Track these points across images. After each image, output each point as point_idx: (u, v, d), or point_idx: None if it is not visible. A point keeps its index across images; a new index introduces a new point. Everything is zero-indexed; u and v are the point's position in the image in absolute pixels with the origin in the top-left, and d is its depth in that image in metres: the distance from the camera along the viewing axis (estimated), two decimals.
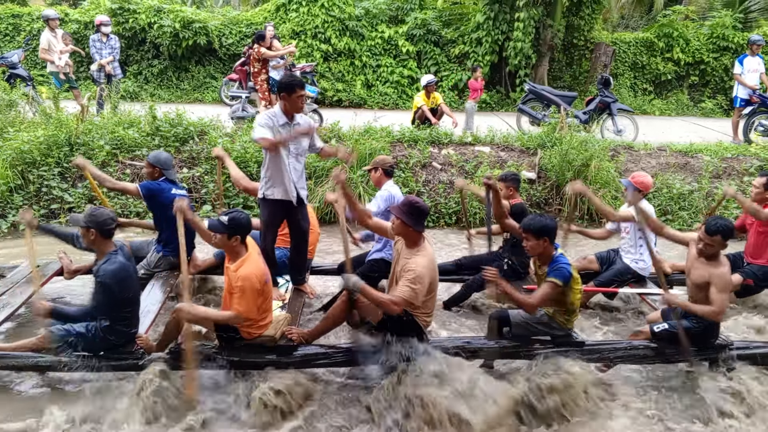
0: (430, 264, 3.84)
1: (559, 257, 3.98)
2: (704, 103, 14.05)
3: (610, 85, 10.35)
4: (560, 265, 3.94)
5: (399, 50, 13.90)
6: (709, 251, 4.03)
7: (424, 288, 3.78)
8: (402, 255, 3.96)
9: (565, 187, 7.98)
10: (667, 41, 14.30)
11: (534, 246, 4.01)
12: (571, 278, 3.95)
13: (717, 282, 3.94)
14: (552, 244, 4.01)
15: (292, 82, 4.40)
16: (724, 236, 3.98)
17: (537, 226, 3.97)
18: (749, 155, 8.87)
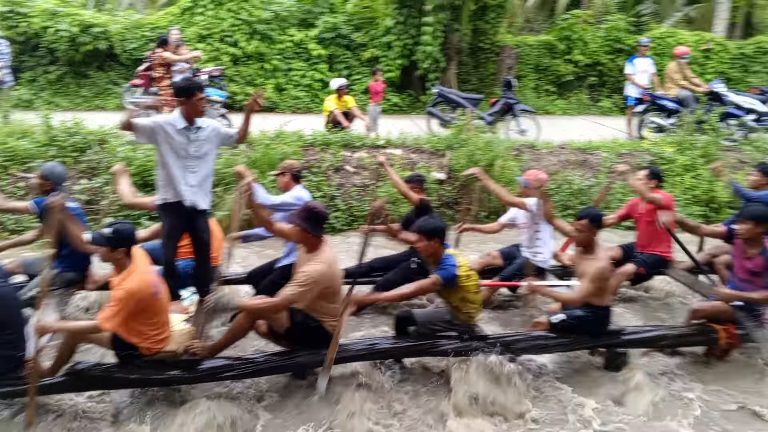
0: (326, 269, 3.84)
1: (447, 258, 4.12)
2: (602, 102, 14.86)
3: (513, 87, 10.77)
4: (446, 267, 4.09)
5: (310, 54, 13.86)
6: (581, 238, 4.32)
7: (313, 291, 3.79)
8: (302, 262, 3.96)
9: (465, 171, 8.22)
10: (568, 44, 15.02)
11: (426, 247, 4.15)
12: (455, 278, 4.08)
13: (589, 274, 4.23)
14: (442, 245, 4.16)
15: (190, 86, 4.30)
16: (591, 221, 4.29)
17: (428, 228, 4.12)
18: (642, 151, 9.45)
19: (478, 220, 8.21)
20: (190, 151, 4.33)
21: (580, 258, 4.44)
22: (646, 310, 5.75)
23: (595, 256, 4.32)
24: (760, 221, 4.49)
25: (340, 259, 6.36)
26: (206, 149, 4.46)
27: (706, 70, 14.74)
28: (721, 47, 15.13)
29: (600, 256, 4.31)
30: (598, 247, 4.40)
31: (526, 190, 5.66)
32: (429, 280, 4.09)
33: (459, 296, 4.16)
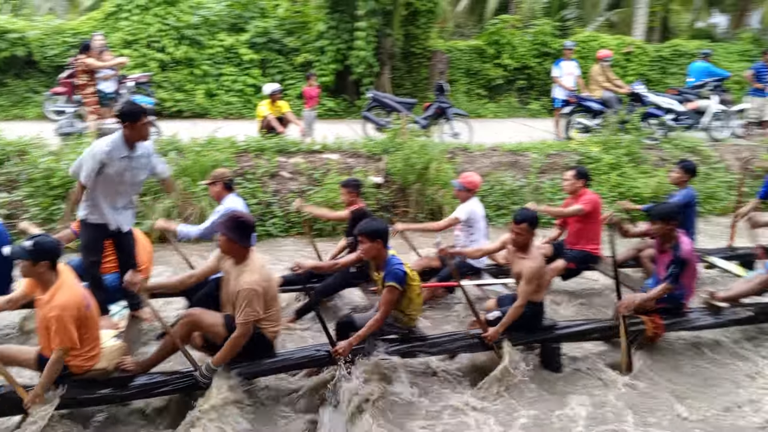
0: (261, 278, 3.79)
1: (391, 259, 4.16)
2: (531, 104, 15.32)
3: (445, 91, 10.95)
4: (393, 268, 4.11)
5: (241, 59, 13.65)
6: (520, 240, 4.43)
7: (261, 303, 3.74)
8: (231, 274, 3.87)
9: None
10: (497, 48, 15.40)
11: (368, 249, 4.15)
12: (405, 278, 4.12)
13: (526, 274, 4.34)
14: (385, 247, 4.17)
15: (137, 110, 4.19)
16: (530, 224, 4.41)
17: (369, 230, 4.13)
18: (569, 151, 9.78)
19: (417, 222, 8.32)
20: (125, 178, 4.24)
21: (515, 257, 4.55)
22: (576, 305, 5.95)
23: (530, 255, 4.44)
24: (668, 219, 4.74)
25: (279, 266, 6.37)
26: (142, 176, 4.38)
27: (627, 72, 15.44)
28: (640, 50, 15.90)
29: (535, 255, 4.44)
30: (533, 246, 4.52)
31: (460, 193, 5.76)
32: (387, 291, 4.07)
33: (406, 297, 4.19)
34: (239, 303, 3.68)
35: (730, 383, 4.56)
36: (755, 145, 11.07)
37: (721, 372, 4.73)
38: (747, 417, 4.14)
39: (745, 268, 6.38)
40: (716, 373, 4.71)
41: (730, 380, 4.60)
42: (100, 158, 4.07)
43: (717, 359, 4.92)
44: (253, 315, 3.69)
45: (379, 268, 4.23)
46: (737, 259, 6.59)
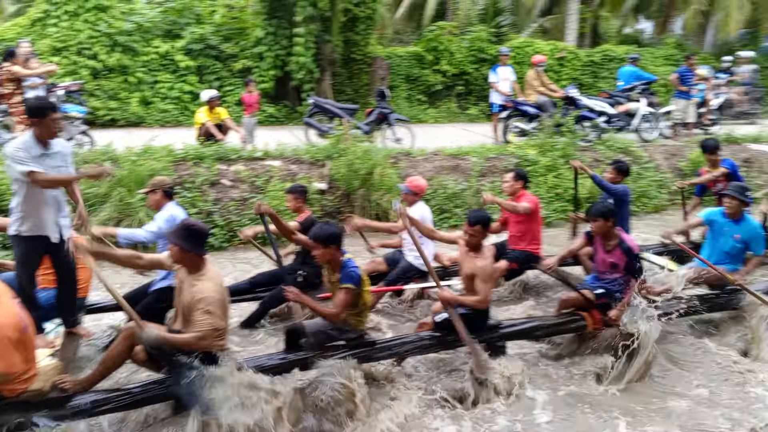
0: (217, 286, 3.72)
1: (347, 262, 4.15)
2: (470, 110, 15.59)
3: (387, 97, 11.03)
4: (349, 270, 4.11)
5: (177, 65, 13.34)
6: (473, 241, 4.49)
7: (220, 312, 3.67)
8: (186, 284, 3.76)
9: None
10: (435, 54, 15.62)
11: (323, 254, 4.13)
12: (361, 280, 4.13)
13: (481, 274, 4.40)
14: (340, 251, 4.16)
15: (42, 105, 4.02)
16: (483, 225, 4.48)
17: (324, 235, 4.11)
18: (508, 154, 10.01)
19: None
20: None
21: (466, 257, 4.59)
22: (519, 303, 6.10)
23: (481, 255, 4.50)
24: (607, 216, 4.92)
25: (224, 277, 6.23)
26: (65, 173, 4.19)
27: (561, 76, 15.94)
28: (573, 55, 16.45)
29: (487, 255, 4.51)
30: (484, 247, 4.60)
31: (407, 196, 5.79)
32: (343, 293, 4.05)
33: (361, 300, 4.18)
34: (198, 312, 3.58)
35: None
36: (682, 146, 11.63)
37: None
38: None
39: (677, 263, 6.68)
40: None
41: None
42: (19, 158, 3.89)
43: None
44: (213, 324, 3.59)
45: (334, 271, 4.21)
46: (670, 255, 6.90)
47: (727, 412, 4.28)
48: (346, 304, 4.10)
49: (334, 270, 4.22)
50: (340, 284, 4.10)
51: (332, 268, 4.24)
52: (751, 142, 12.12)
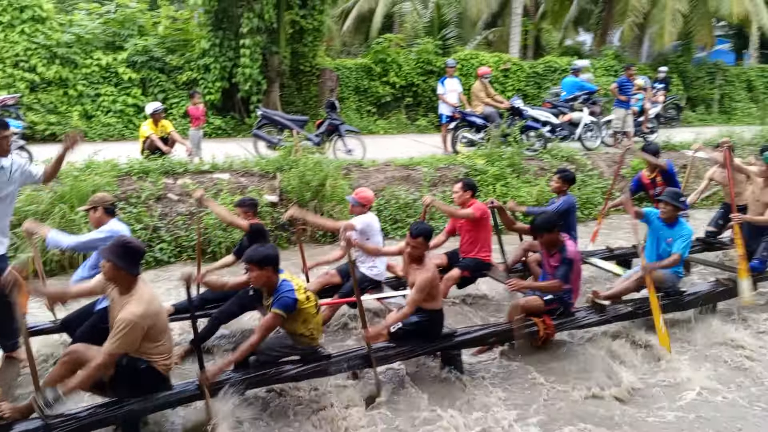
0: (146, 309, 3.55)
1: (282, 285, 4.03)
2: (419, 121, 15.74)
3: (337, 108, 11.02)
4: (282, 295, 3.98)
5: (120, 78, 12.99)
6: (416, 253, 4.52)
7: (137, 335, 3.51)
8: (116, 304, 3.62)
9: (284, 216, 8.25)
10: (383, 66, 15.73)
11: (258, 277, 4.00)
12: (295, 304, 4.02)
13: (418, 284, 4.43)
14: (276, 273, 4.05)
15: None
16: (425, 237, 4.52)
17: (259, 257, 3.98)
18: (457, 164, 10.14)
19: (314, 239, 8.27)
20: None
21: (410, 269, 4.64)
22: (473, 310, 6.15)
23: (423, 266, 4.54)
24: (550, 228, 5.05)
25: (170, 294, 6.07)
26: (9, 190, 4.02)
27: (506, 87, 16.30)
28: (517, 67, 16.84)
29: (428, 267, 4.54)
30: (427, 258, 4.62)
31: (354, 208, 5.77)
32: (270, 317, 3.96)
33: (300, 320, 4.10)
34: (113, 332, 3.45)
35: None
36: (622, 153, 12.01)
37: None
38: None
39: (623, 267, 6.90)
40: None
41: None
42: None
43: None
44: (123, 348, 3.46)
45: (269, 295, 4.11)
46: (615, 259, 7.12)
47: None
48: (269, 329, 4.01)
49: (269, 293, 4.11)
50: (271, 308, 4.01)
51: (267, 291, 4.13)
52: (687, 148, 12.64)
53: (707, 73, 19.66)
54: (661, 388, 4.66)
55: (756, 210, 6.35)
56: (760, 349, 5.36)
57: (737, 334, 5.57)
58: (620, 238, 8.53)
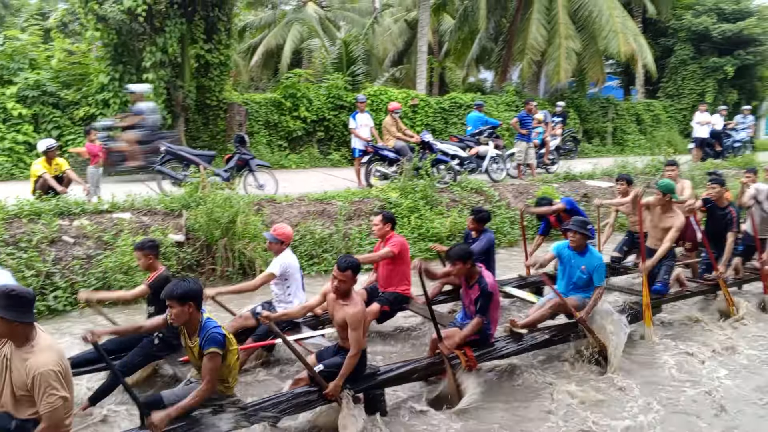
0: (56, 357, 3.20)
1: (206, 323, 3.79)
2: (332, 155, 15.71)
3: (246, 143, 10.75)
4: (211, 332, 3.75)
5: (9, 114, 12.08)
6: (342, 287, 4.36)
7: (65, 384, 3.16)
8: (15, 359, 3.20)
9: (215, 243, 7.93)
10: (293, 101, 15.61)
11: (179, 314, 3.73)
12: (225, 340, 3.80)
13: (351, 321, 4.28)
14: (198, 310, 3.81)
15: None
16: (353, 270, 4.37)
17: (180, 292, 3.72)
18: (372, 197, 10.13)
19: (227, 279, 7.91)
20: None
21: (336, 305, 4.46)
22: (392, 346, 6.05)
23: (351, 301, 4.38)
24: (465, 259, 5.06)
25: (66, 346, 5.54)
26: None
27: (415, 122, 16.63)
28: (425, 102, 17.26)
29: (356, 301, 4.39)
30: (354, 292, 4.48)
31: (273, 245, 5.56)
32: (209, 359, 3.67)
33: (226, 364, 3.83)
34: (38, 391, 3.06)
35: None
36: (527, 184, 12.52)
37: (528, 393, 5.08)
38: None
39: (537, 294, 7.05)
40: (525, 395, 5.04)
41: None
42: None
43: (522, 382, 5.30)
44: (61, 400, 3.09)
45: (192, 335, 3.83)
46: (528, 287, 7.27)
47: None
48: (216, 370, 3.75)
49: (192, 332, 3.84)
50: (202, 350, 3.74)
51: (190, 331, 3.86)
52: (587, 178, 13.36)
53: (600, 107, 21.02)
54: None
55: (655, 236, 6.70)
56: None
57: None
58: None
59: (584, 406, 4.86)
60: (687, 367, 5.70)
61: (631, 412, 4.78)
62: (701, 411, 4.90)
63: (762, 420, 4.86)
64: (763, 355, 6.07)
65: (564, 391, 5.06)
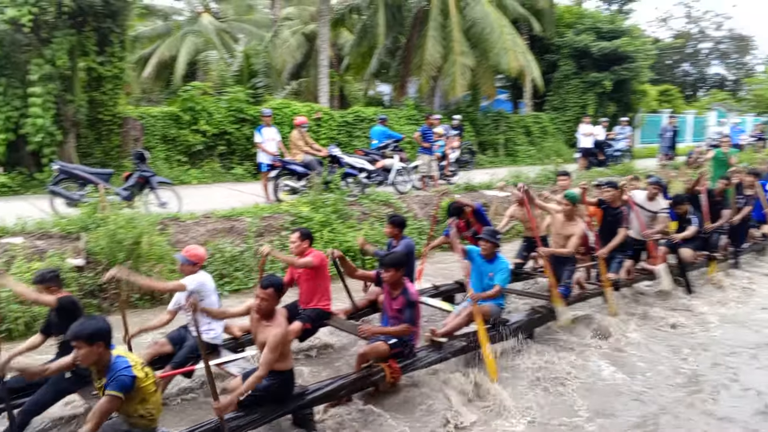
0: None
1: (116, 362, 3.57)
2: (235, 169, 15.34)
3: (146, 159, 10.31)
4: (119, 374, 3.53)
5: None
6: (265, 306, 4.32)
7: None
8: None
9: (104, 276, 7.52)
10: (192, 114, 15.12)
11: (87, 354, 3.51)
12: (134, 382, 3.60)
13: (271, 342, 4.24)
14: (108, 348, 3.60)
15: None
16: (276, 289, 4.34)
17: (88, 332, 3.50)
18: (282, 212, 10.02)
19: (132, 305, 7.54)
20: None
21: (259, 325, 4.41)
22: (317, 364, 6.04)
23: (274, 322, 4.35)
24: (399, 266, 5.22)
25: None
26: None
27: (320, 136, 16.62)
28: (329, 116, 17.31)
29: (279, 322, 4.36)
30: (278, 312, 4.44)
31: (185, 267, 5.38)
32: (106, 401, 3.46)
33: (138, 400, 3.65)
34: None
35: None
36: (432, 195, 12.90)
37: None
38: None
39: (449, 302, 7.30)
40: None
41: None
42: None
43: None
44: None
45: (101, 374, 3.62)
46: (441, 296, 7.50)
47: None
48: (106, 413, 3.53)
49: (101, 373, 3.63)
50: (106, 389, 3.54)
51: (99, 371, 3.64)
52: (485, 188, 13.96)
53: (492, 120, 22.03)
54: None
55: (558, 242, 7.18)
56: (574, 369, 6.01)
57: (552, 356, 6.20)
58: (440, 275, 8.96)
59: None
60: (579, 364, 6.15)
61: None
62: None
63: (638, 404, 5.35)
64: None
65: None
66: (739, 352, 6.68)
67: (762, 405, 5.45)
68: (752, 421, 5.17)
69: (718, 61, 43.64)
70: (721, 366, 6.28)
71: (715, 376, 6.04)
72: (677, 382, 5.89)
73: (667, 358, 6.42)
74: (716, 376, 6.04)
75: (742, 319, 7.80)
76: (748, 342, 6.97)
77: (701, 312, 7.90)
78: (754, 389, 5.76)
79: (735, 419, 5.19)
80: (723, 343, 6.90)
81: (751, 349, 6.75)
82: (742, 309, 8.21)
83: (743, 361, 6.45)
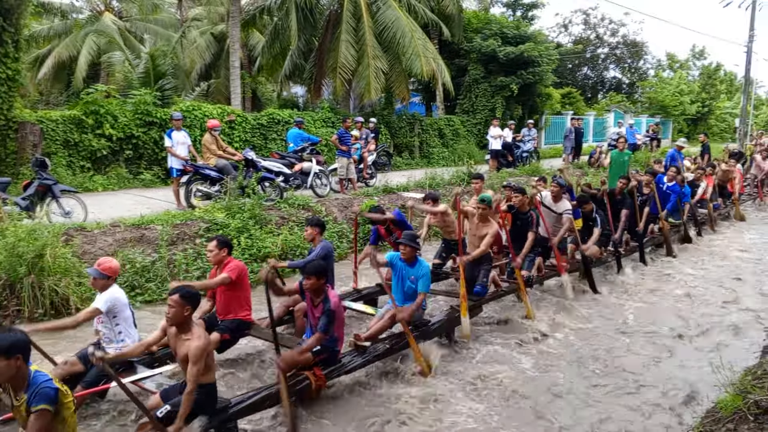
0: None
1: (36, 376, 3.35)
2: (143, 175, 14.68)
3: (48, 166, 9.70)
4: (41, 386, 3.30)
5: None
6: (173, 313, 4.20)
7: None
8: None
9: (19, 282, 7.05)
10: (96, 118, 14.35)
11: (4, 369, 3.24)
12: (57, 395, 3.40)
13: (193, 355, 4.13)
14: (26, 363, 3.38)
15: None
16: (182, 297, 4.21)
17: (6, 345, 3.26)
18: (196, 219, 9.70)
19: (37, 321, 7.06)
20: None
21: (177, 340, 4.27)
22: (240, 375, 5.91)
23: (193, 334, 4.22)
24: (320, 275, 5.19)
25: None
26: None
27: (233, 139, 16.24)
28: (242, 119, 16.93)
29: (198, 334, 4.23)
30: (193, 324, 4.31)
31: (98, 281, 5.11)
32: (36, 418, 3.21)
33: (59, 421, 3.42)
34: None
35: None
36: (351, 198, 12.94)
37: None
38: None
39: (371, 305, 7.35)
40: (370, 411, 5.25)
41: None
42: None
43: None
44: None
45: (18, 391, 3.39)
46: (363, 299, 7.54)
47: None
48: (46, 430, 3.34)
49: (18, 389, 3.37)
50: (30, 407, 3.29)
51: (16, 387, 3.38)
52: (403, 190, 14.16)
53: (407, 123, 22.36)
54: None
55: (474, 243, 7.40)
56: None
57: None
58: (367, 277, 8.96)
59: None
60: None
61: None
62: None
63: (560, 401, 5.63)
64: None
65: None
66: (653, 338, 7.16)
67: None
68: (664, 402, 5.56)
69: (614, 66, 46.40)
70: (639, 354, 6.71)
71: (632, 362, 6.43)
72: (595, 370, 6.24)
73: (585, 349, 6.79)
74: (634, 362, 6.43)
75: (655, 308, 8.37)
76: (660, 329, 7.49)
77: (612, 304, 8.41)
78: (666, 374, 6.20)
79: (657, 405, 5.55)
80: (637, 332, 7.37)
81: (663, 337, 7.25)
82: (652, 299, 8.81)
83: (657, 349, 6.91)
